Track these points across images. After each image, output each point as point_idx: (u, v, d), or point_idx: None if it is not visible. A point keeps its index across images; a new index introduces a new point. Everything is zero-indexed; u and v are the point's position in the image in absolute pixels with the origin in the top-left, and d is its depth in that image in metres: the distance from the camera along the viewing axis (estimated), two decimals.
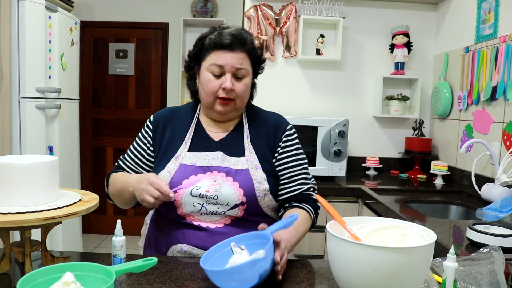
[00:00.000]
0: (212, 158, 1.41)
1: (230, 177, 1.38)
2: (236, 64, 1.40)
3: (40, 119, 2.84)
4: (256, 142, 1.48)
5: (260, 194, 1.39)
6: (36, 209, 1.04)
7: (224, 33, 1.40)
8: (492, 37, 2.50)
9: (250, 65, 1.45)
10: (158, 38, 4.59)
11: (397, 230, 1.02)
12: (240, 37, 1.40)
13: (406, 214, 2.00)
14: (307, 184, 1.51)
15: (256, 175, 1.40)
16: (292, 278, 1.17)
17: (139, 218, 4.69)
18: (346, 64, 3.33)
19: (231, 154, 1.44)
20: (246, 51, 1.42)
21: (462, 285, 1.06)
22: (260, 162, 1.43)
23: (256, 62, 1.50)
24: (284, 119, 1.58)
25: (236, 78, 1.42)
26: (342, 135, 3.02)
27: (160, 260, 1.27)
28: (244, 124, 1.51)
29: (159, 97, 4.59)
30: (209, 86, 1.41)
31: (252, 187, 1.38)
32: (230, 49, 1.39)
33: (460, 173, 2.81)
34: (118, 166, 1.57)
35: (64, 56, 3.10)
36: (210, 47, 1.41)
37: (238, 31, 1.42)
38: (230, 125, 1.52)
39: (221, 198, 1.36)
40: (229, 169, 1.39)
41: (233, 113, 1.48)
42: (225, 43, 1.38)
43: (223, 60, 1.39)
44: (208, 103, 1.45)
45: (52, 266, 0.93)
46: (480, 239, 1.45)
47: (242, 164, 1.41)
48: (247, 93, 1.47)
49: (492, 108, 2.49)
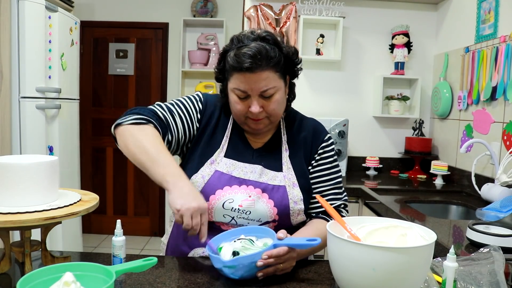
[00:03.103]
0: (250, 171, 1.35)
1: (266, 194, 1.32)
2: (260, 88, 1.27)
3: (40, 119, 2.84)
4: (294, 155, 1.41)
5: (294, 214, 1.34)
6: (36, 209, 1.04)
7: (242, 54, 1.25)
8: (492, 37, 2.50)
9: (279, 78, 1.31)
10: (158, 38, 4.59)
11: (397, 230, 1.02)
12: (260, 56, 1.24)
13: (406, 214, 2.00)
14: (338, 199, 1.43)
15: (293, 194, 1.34)
16: (292, 278, 1.17)
17: (139, 218, 4.72)
18: (346, 64, 3.33)
19: (269, 167, 1.37)
20: (271, 68, 1.28)
21: (462, 285, 1.06)
22: (297, 178, 1.37)
23: (288, 70, 1.37)
24: (322, 128, 1.49)
25: (264, 97, 1.30)
26: (342, 135, 3.03)
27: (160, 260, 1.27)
28: (282, 135, 1.44)
29: (159, 97, 4.59)
30: (236, 108, 1.33)
31: (287, 207, 1.33)
32: (251, 72, 1.25)
33: (460, 173, 2.81)
34: (152, 115, 1.33)
35: (64, 56, 3.10)
36: (231, 69, 1.29)
37: (258, 48, 1.25)
38: (269, 133, 1.45)
39: (254, 214, 1.31)
40: (266, 185, 1.33)
41: (268, 128, 1.39)
42: (244, 67, 1.24)
43: (246, 86, 1.27)
44: (239, 122, 1.38)
45: (52, 266, 0.93)
46: (480, 239, 1.45)
47: (279, 180, 1.35)
48: (279, 108, 1.35)
49: (492, 108, 2.49)
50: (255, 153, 1.41)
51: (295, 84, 1.47)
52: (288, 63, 1.36)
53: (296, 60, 1.39)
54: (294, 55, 1.38)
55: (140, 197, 4.74)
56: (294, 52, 1.38)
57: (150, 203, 4.74)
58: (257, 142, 1.43)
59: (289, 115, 1.49)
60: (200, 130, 1.41)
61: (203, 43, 4.36)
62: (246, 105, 1.31)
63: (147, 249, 4.35)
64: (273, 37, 1.33)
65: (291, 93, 1.45)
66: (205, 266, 1.23)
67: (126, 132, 1.28)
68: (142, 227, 4.74)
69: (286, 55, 1.34)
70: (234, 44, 1.31)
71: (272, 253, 1.10)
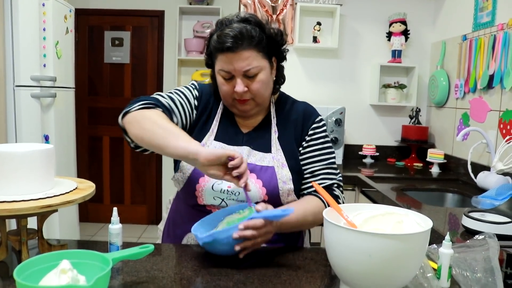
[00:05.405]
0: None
1: (254, 174, 1.33)
2: (243, 67, 1.30)
3: (35, 107, 2.83)
4: (284, 137, 1.42)
5: (283, 194, 1.35)
6: (32, 197, 1.04)
7: (224, 34, 1.28)
8: (489, 25, 2.49)
9: (262, 57, 1.33)
10: (154, 26, 4.55)
11: (393, 217, 1.03)
12: (241, 35, 1.27)
13: (402, 202, 2.01)
14: (331, 179, 1.42)
15: (282, 174, 1.35)
16: (288, 265, 1.18)
17: (136, 207, 4.73)
18: (343, 52, 3.32)
19: (257, 149, 1.39)
20: (253, 47, 1.30)
21: (457, 271, 1.07)
22: (286, 159, 1.38)
23: (272, 51, 1.38)
24: (314, 110, 1.49)
25: (248, 77, 1.32)
26: (338, 123, 3.03)
27: (157, 247, 1.27)
28: (272, 118, 1.45)
29: (155, 85, 4.57)
30: (223, 90, 1.36)
31: (276, 187, 1.33)
32: (233, 51, 1.28)
33: (456, 161, 2.82)
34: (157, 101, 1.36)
35: (59, 44, 3.07)
36: (214, 50, 1.33)
37: (239, 29, 1.28)
38: (259, 117, 1.46)
39: (243, 195, 1.31)
40: (254, 165, 1.35)
41: (255, 109, 1.41)
42: (226, 47, 1.27)
43: (229, 66, 1.30)
44: (227, 104, 1.41)
45: (49, 253, 0.93)
46: (476, 227, 1.46)
47: (268, 161, 1.36)
48: (265, 88, 1.36)
49: (489, 96, 2.49)
50: (245, 137, 1.43)
51: (284, 67, 1.48)
52: (272, 44, 1.37)
53: (280, 41, 1.40)
54: (277, 35, 1.39)
55: (137, 185, 4.74)
56: (278, 33, 1.39)
57: (147, 191, 4.75)
58: (247, 126, 1.46)
59: (280, 99, 1.51)
60: (197, 117, 1.44)
61: (199, 31, 4.33)
62: (231, 85, 1.34)
63: (144, 237, 4.36)
64: (255, 19, 1.35)
65: (280, 76, 1.47)
66: (201, 253, 1.24)
67: (137, 116, 1.28)
68: (139, 216, 4.74)
69: (270, 35, 1.36)
70: (218, 27, 1.35)
71: (248, 224, 1.12)
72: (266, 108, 1.47)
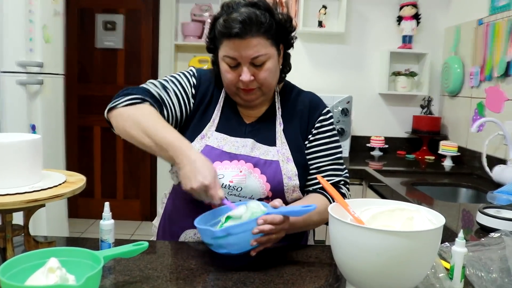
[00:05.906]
0: (241, 145, 1.36)
1: (258, 168, 1.33)
2: (251, 55, 1.29)
3: (21, 95, 2.81)
4: (289, 129, 1.42)
5: (288, 190, 1.35)
6: (18, 191, 1.04)
7: (231, 19, 1.26)
8: (507, 8, 2.47)
9: (271, 45, 1.33)
10: (148, 9, 4.53)
11: (403, 213, 1.02)
12: (250, 21, 1.26)
13: (412, 197, 2.00)
14: (337, 176, 1.43)
15: (287, 170, 1.34)
16: (291, 264, 1.18)
17: (129, 202, 4.73)
18: (350, 37, 3.30)
19: (262, 142, 1.39)
20: (262, 34, 1.29)
21: (471, 271, 1.06)
22: (292, 153, 1.38)
23: (280, 38, 1.38)
24: (320, 101, 1.49)
25: (255, 66, 1.32)
26: (345, 113, 3.02)
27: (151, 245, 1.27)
28: (277, 108, 1.45)
29: (150, 72, 4.56)
30: (227, 78, 1.35)
31: (281, 183, 1.33)
32: (240, 38, 1.26)
33: (471, 154, 2.81)
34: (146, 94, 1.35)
35: (47, 27, 3.06)
36: (220, 35, 1.31)
37: (248, 14, 1.26)
38: (263, 107, 1.46)
39: (245, 190, 1.31)
40: (258, 159, 1.34)
41: (260, 99, 1.40)
42: (234, 33, 1.26)
43: (235, 53, 1.29)
44: (230, 93, 1.40)
45: (36, 251, 0.92)
46: (491, 224, 1.46)
47: (272, 154, 1.36)
48: (272, 77, 1.36)
49: (506, 85, 2.48)
50: (248, 127, 1.43)
51: (290, 54, 1.47)
52: (281, 31, 1.36)
53: (289, 28, 1.40)
54: (287, 22, 1.39)
55: (130, 179, 4.74)
56: (287, 19, 1.39)
57: (141, 185, 4.75)
58: (250, 117, 1.45)
59: (285, 89, 1.51)
60: (195, 106, 1.43)
61: (198, 14, 4.30)
62: (237, 74, 1.33)
63: (138, 234, 4.37)
64: (264, 3, 1.33)
65: (286, 64, 1.47)
66: (199, 251, 1.24)
67: (122, 115, 1.31)
68: (132, 211, 4.75)
69: (279, 22, 1.35)
70: (224, 11, 1.33)
71: (267, 218, 1.12)
72: (271, 98, 1.47)
